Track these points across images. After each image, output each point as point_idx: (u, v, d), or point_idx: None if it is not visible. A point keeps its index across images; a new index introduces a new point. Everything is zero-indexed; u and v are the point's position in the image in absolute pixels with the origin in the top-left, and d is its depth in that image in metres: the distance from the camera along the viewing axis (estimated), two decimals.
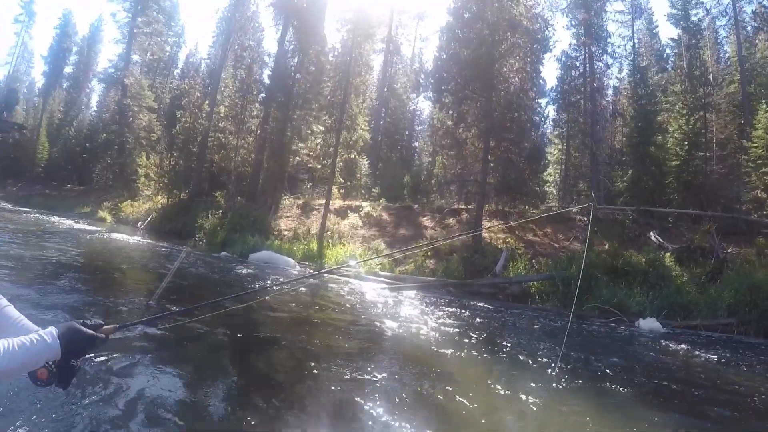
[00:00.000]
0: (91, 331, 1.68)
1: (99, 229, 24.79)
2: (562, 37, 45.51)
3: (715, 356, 8.84)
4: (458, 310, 11.83)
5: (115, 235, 21.90)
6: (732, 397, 6.33)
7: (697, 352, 9.19)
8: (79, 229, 22.86)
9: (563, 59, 28.10)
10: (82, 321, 1.70)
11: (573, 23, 27.11)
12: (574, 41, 27.19)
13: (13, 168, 55.23)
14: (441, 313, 11.11)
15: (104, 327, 1.76)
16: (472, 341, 8.26)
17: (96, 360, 4.86)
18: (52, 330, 1.58)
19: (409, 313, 10.77)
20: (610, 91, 29.83)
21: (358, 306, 11.46)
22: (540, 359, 7.36)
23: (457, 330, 9.14)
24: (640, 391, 6.21)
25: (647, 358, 8.73)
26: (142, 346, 5.81)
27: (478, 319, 10.84)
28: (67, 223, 25.82)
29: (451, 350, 7.48)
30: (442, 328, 9.29)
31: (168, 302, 8.27)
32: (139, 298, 8.86)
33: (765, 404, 6.09)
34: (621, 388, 6.22)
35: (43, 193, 46.32)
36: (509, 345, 8.47)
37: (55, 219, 27.15)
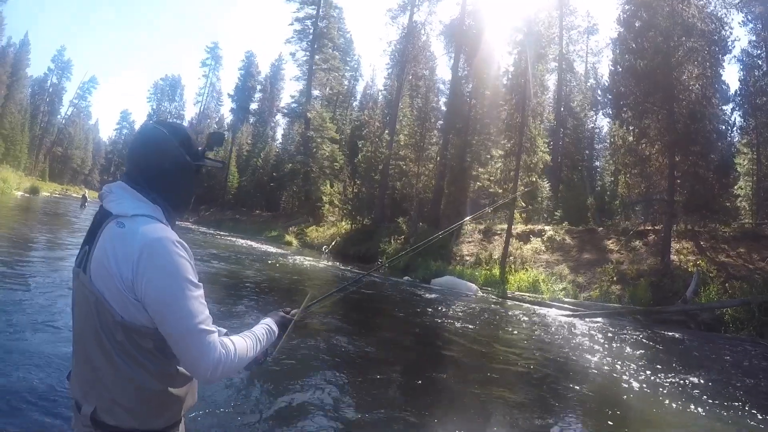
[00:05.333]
0: (290, 317, 2.12)
1: (286, 252, 27.83)
2: (740, 34, 42.36)
3: None
4: (646, 340, 11.66)
5: (302, 258, 24.39)
6: None
7: None
8: (268, 252, 25.89)
9: (744, 59, 26.93)
10: (282, 309, 2.15)
11: (749, 18, 25.92)
12: (753, 38, 25.95)
13: (205, 195, 63.90)
14: (626, 343, 11.01)
15: (292, 311, 2.17)
16: (664, 380, 7.89)
17: None
18: (271, 319, 2.02)
19: (591, 342, 10.77)
20: None
21: (539, 331, 11.80)
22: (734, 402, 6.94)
23: (647, 364, 8.88)
24: None
25: None
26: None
27: (669, 351, 10.71)
28: (257, 246, 29.10)
29: (638, 387, 7.30)
30: (629, 361, 9.14)
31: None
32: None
33: None
34: None
35: (234, 218, 53.03)
36: (707, 387, 7.65)
37: (245, 242, 30.74)
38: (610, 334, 12.03)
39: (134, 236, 1.51)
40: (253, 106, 70.94)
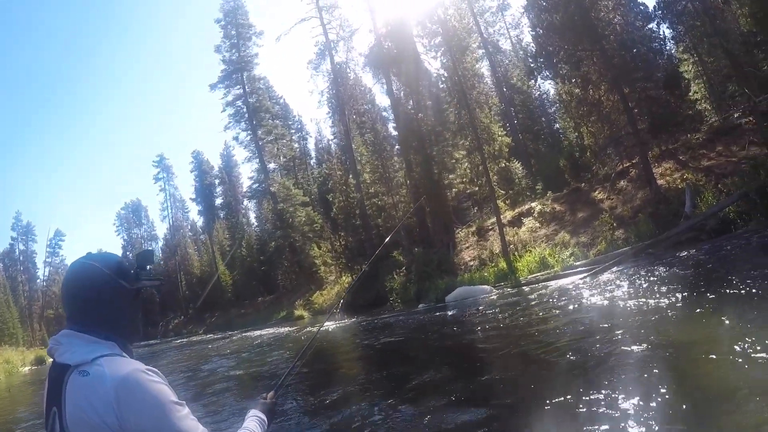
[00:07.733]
0: (272, 400, 2.21)
1: (300, 326, 27.65)
2: None
3: None
4: (665, 268, 11.61)
5: (317, 327, 23.59)
6: None
7: None
8: (283, 333, 25.52)
9: None
10: (260, 397, 2.23)
11: None
12: None
13: (205, 304, 63.57)
14: (649, 280, 10.84)
15: (268, 395, 2.24)
16: (697, 298, 7.97)
17: None
18: (258, 410, 2.09)
19: (618, 292, 10.56)
20: None
21: (564, 303, 11.40)
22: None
23: (675, 290, 8.84)
24: None
25: None
26: None
27: (692, 269, 10.78)
28: (270, 331, 28.97)
29: (679, 314, 7.28)
30: (658, 295, 8.95)
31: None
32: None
33: None
34: None
35: (240, 313, 52.83)
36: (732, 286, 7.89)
37: (257, 332, 30.60)
38: (632, 278, 11.91)
39: (103, 380, 1.47)
40: (218, 200, 71.44)
